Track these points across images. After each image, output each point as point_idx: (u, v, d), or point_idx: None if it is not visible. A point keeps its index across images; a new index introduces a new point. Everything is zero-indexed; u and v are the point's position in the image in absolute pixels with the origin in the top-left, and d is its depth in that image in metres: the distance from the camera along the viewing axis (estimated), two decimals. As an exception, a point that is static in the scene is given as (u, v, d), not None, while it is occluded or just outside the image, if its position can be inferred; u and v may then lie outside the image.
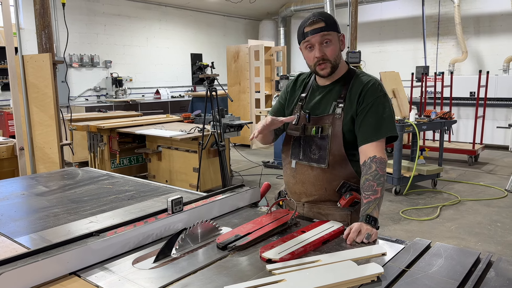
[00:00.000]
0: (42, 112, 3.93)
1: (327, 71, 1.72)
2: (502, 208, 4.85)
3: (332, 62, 1.70)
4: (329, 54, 1.69)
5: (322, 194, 1.78)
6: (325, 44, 1.68)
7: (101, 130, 5.57)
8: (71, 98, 9.56)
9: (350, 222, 1.76)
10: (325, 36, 1.67)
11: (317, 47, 1.68)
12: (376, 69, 9.47)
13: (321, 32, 1.66)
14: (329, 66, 1.71)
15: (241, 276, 1.24)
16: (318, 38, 1.67)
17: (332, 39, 1.69)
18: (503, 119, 8.13)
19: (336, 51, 1.71)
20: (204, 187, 5.14)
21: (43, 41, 3.93)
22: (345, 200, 1.73)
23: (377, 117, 1.68)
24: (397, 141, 2.14)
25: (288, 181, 1.89)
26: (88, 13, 9.84)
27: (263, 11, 13.23)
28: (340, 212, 1.78)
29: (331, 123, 1.73)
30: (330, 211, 1.79)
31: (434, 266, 1.27)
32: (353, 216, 1.78)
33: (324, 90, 1.81)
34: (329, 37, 1.67)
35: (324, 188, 1.77)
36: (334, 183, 1.75)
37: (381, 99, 1.71)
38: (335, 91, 1.78)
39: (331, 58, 1.70)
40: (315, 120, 1.78)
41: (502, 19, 9.77)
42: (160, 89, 11.09)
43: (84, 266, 1.30)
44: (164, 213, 1.63)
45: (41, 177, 2.67)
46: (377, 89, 1.72)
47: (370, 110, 1.69)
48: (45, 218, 1.79)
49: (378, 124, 1.68)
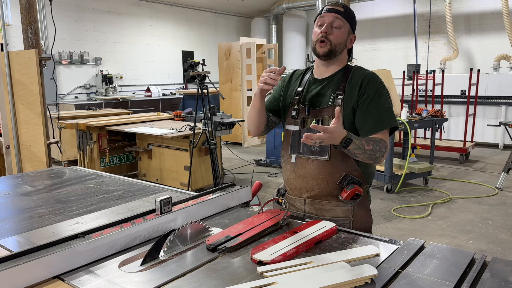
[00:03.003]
0: (28, 110, 3.85)
1: (324, 50, 1.74)
2: (493, 206, 4.87)
3: (332, 45, 1.73)
4: (333, 36, 1.73)
5: (324, 188, 1.76)
6: (335, 27, 1.73)
7: (90, 128, 5.49)
8: (60, 96, 9.44)
9: (352, 217, 1.75)
10: (337, 19, 1.73)
11: (326, 25, 1.73)
12: (368, 67, 9.32)
13: (336, 14, 1.73)
14: (327, 46, 1.73)
15: (231, 278, 1.20)
16: (331, 18, 1.73)
17: (342, 27, 1.74)
18: (493, 117, 8.19)
19: (340, 39, 1.74)
20: (195, 185, 5.10)
21: (29, 37, 3.85)
22: (347, 193, 1.70)
23: (379, 108, 1.69)
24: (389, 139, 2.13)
25: (288, 177, 1.86)
26: (77, 9, 9.71)
27: (255, 8, 13.18)
28: (342, 207, 1.75)
29: (331, 115, 1.72)
30: (332, 206, 1.76)
31: (429, 267, 1.24)
32: (355, 211, 1.76)
33: (322, 83, 1.81)
34: (340, 23, 1.73)
35: (326, 181, 1.74)
36: (335, 175, 1.73)
37: (382, 90, 1.72)
38: (334, 83, 1.78)
39: (333, 41, 1.73)
40: (314, 113, 1.77)
41: (492, 18, 9.83)
42: (151, 86, 11.00)
43: (69, 269, 1.25)
44: (152, 213, 1.59)
45: (27, 176, 2.61)
46: (377, 81, 1.74)
47: (372, 101, 1.70)
48: (29, 219, 1.73)
49: (380, 115, 1.69)
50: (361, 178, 1.75)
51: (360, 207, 1.77)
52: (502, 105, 8.06)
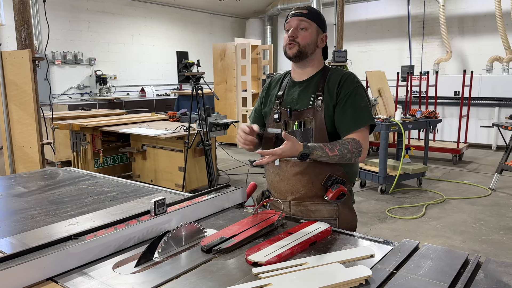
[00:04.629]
0: (22, 110, 3.82)
1: (292, 52, 1.77)
2: (486, 206, 4.90)
3: (300, 46, 1.76)
4: (300, 38, 1.76)
5: (309, 189, 1.77)
6: (300, 29, 1.76)
7: (84, 129, 5.46)
8: (54, 96, 9.38)
9: (338, 217, 1.78)
10: (302, 22, 1.76)
11: (292, 29, 1.77)
12: (362, 68, 9.52)
13: (300, 17, 1.76)
14: (296, 48, 1.76)
15: (226, 280, 1.20)
16: (295, 22, 1.77)
17: (308, 28, 1.77)
18: (486, 118, 8.24)
19: (308, 39, 1.77)
20: (190, 186, 5.08)
21: (22, 37, 3.82)
22: (332, 193, 1.72)
23: (355, 107, 1.73)
24: (383, 140, 2.13)
25: (272, 180, 1.87)
26: (71, 9, 9.66)
27: (249, 9, 13.18)
28: (327, 208, 1.78)
29: (312, 117, 1.75)
30: (318, 207, 1.78)
31: (423, 268, 1.25)
32: (340, 210, 1.79)
33: (301, 85, 1.84)
34: (305, 25, 1.76)
35: (310, 182, 1.76)
36: (320, 176, 1.75)
37: (358, 89, 1.76)
38: (313, 85, 1.81)
39: (301, 42, 1.76)
40: (296, 115, 1.80)
41: (485, 20, 9.90)
42: (145, 87, 10.96)
43: (62, 271, 1.24)
44: (146, 215, 1.58)
45: (20, 177, 2.58)
46: (353, 80, 1.78)
47: (349, 100, 1.73)
48: (22, 220, 1.72)
49: (356, 114, 1.72)
50: (345, 178, 1.78)
51: (344, 207, 1.80)
52: (495, 106, 8.12)
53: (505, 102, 8.03)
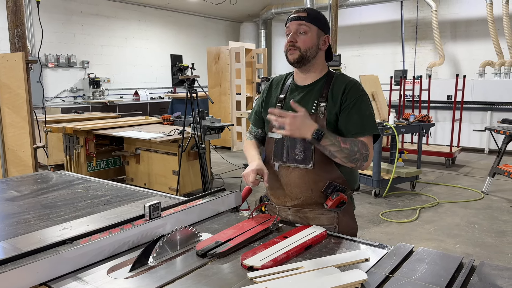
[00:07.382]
0: (14, 114, 3.79)
1: (293, 57, 1.74)
2: (479, 210, 4.93)
3: (301, 51, 1.72)
4: (300, 43, 1.72)
5: (308, 196, 1.74)
6: (300, 33, 1.72)
7: (77, 132, 5.42)
8: (46, 99, 9.32)
9: (337, 225, 1.75)
10: (301, 26, 1.72)
11: (291, 34, 1.73)
12: (356, 72, 9.57)
13: (299, 21, 1.72)
14: (297, 53, 1.73)
15: (221, 284, 1.20)
16: (294, 26, 1.73)
17: (308, 32, 1.72)
18: (479, 122, 8.31)
19: (309, 43, 1.72)
20: (184, 190, 5.06)
21: (15, 39, 3.79)
22: (332, 201, 1.69)
23: (361, 115, 1.70)
24: (376, 143, 2.14)
25: (271, 185, 1.83)
26: (65, 12, 9.62)
27: (244, 13, 13.21)
28: (327, 215, 1.75)
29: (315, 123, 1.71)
30: (317, 214, 1.75)
31: (418, 271, 1.25)
32: (340, 218, 1.75)
33: (304, 90, 1.80)
34: (305, 28, 1.72)
35: (310, 189, 1.73)
36: (320, 183, 1.72)
37: (363, 97, 1.73)
38: (316, 90, 1.77)
39: (301, 47, 1.72)
40: None
41: (477, 24, 10.01)
42: (139, 90, 10.92)
43: (56, 276, 1.23)
44: (141, 219, 1.57)
45: (13, 181, 2.56)
46: (358, 88, 1.74)
47: (354, 108, 1.69)
48: (15, 224, 1.70)
49: (362, 122, 1.69)
50: (345, 185, 1.74)
51: (344, 214, 1.77)
52: (487, 110, 8.19)
53: (497, 106, 8.11)
